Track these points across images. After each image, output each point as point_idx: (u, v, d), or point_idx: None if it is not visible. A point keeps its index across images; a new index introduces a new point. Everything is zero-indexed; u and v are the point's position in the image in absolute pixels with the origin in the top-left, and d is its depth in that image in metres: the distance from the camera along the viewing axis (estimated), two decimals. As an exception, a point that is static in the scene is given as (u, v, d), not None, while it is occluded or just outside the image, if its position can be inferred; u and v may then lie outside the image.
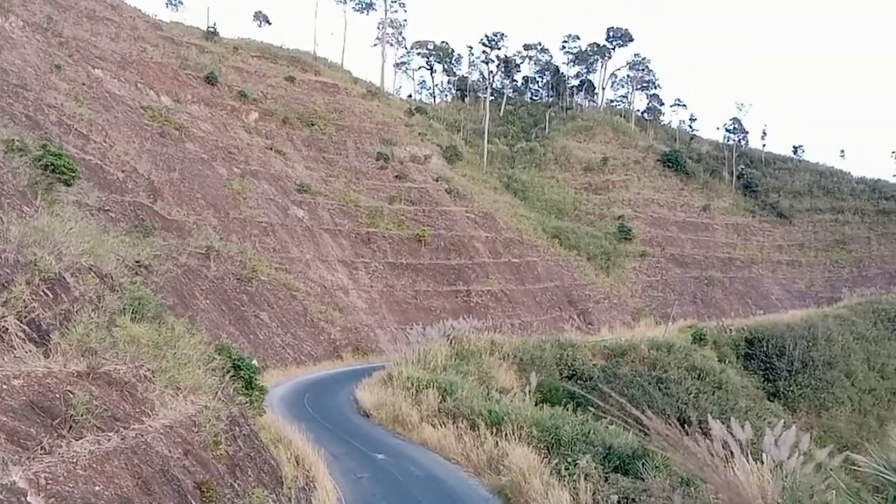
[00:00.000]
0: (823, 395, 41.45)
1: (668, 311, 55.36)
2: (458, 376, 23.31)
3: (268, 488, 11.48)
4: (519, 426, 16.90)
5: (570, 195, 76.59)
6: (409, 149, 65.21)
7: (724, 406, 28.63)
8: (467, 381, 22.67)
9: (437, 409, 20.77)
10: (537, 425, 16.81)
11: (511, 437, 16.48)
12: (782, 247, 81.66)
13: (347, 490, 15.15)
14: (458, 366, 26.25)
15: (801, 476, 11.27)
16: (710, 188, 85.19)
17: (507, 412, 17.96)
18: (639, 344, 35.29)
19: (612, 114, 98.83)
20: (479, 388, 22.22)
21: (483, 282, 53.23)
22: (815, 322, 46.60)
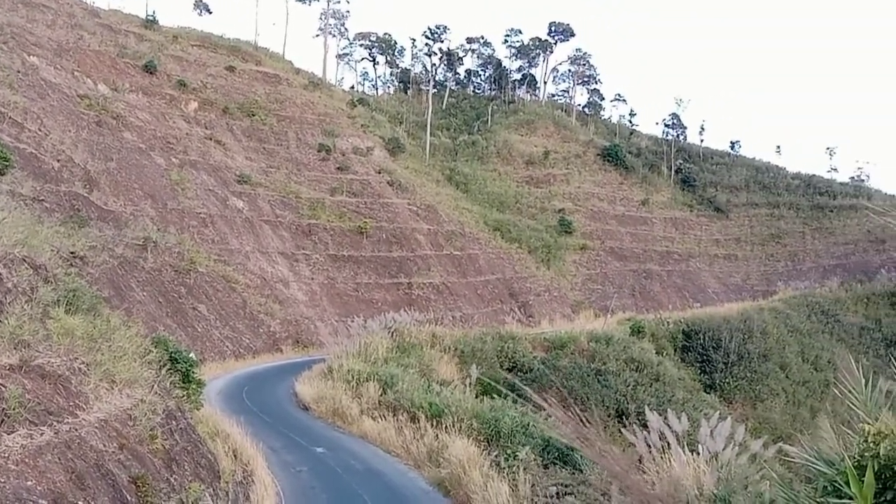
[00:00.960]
0: (758, 386, 42.57)
1: (608, 304, 56.23)
2: (398, 369, 23.16)
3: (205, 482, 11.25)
4: (459, 418, 16.85)
5: (512, 188, 77.06)
6: (352, 140, 64.60)
7: (661, 398, 29.17)
8: (408, 373, 22.54)
9: (377, 402, 20.62)
10: (477, 417, 16.79)
11: (451, 430, 16.42)
12: (719, 241, 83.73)
13: (286, 484, 14.95)
14: (399, 358, 26.11)
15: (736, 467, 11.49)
16: (649, 182, 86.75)
17: (448, 405, 17.90)
18: (578, 336, 35.69)
19: (553, 108, 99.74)
20: (420, 380, 22.11)
21: (425, 274, 53.14)
22: (750, 315, 47.88)
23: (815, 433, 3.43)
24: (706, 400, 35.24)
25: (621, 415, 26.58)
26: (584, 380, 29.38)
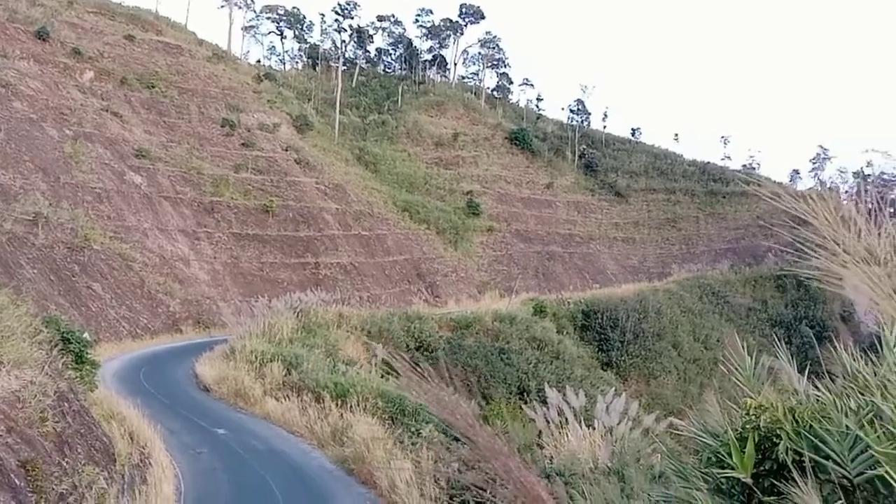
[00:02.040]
0: (652, 364, 44.42)
1: (512, 285, 57.27)
2: (304, 349, 22.91)
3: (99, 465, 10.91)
4: (364, 398, 16.86)
5: (422, 169, 77.08)
6: (257, 116, 62.93)
7: (561, 375, 30.03)
8: (313, 354, 22.33)
9: (281, 383, 20.36)
10: (382, 397, 16.84)
11: (356, 409, 16.40)
12: (619, 224, 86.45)
13: (185, 466, 14.63)
14: (304, 339, 25.81)
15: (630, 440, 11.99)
16: (553, 167, 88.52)
17: (353, 384, 17.87)
18: (483, 316, 36.25)
19: (463, 90, 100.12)
20: (326, 360, 21.96)
21: (332, 254, 52.60)
22: (646, 296, 49.79)
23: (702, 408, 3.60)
24: (603, 377, 36.51)
25: (523, 392, 27.25)
26: (487, 358, 29.89)
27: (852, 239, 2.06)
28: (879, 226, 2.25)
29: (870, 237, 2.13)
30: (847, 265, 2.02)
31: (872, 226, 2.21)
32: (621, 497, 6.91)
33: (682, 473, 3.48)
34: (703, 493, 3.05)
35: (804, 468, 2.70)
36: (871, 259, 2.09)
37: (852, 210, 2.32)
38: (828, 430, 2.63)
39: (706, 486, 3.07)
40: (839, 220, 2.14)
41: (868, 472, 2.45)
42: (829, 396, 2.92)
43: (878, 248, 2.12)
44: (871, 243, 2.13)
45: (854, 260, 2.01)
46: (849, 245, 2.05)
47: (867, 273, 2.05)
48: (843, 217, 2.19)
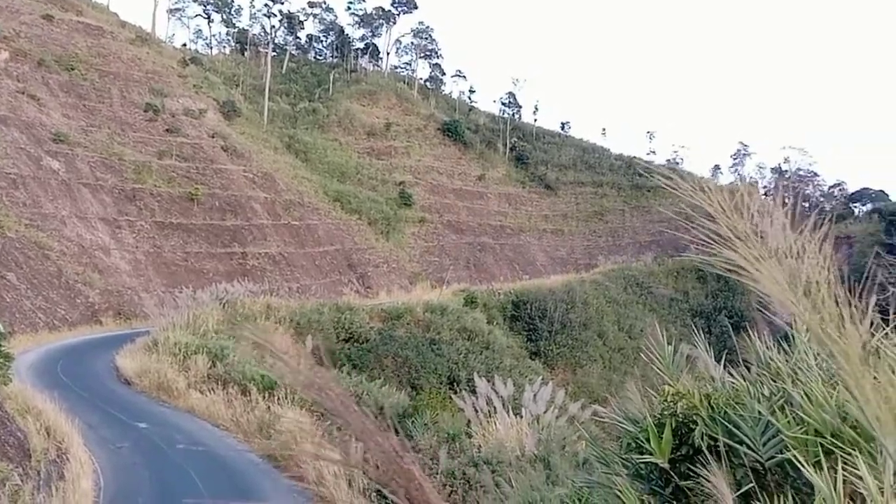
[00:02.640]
0: (579, 353, 45.30)
1: (444, 276, 57.47)
2: (230, 341, 22.44)
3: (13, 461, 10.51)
4: (292, 390, 16.61)
5: (353, 159, 76.44)
6: (183, 101, 61.09)
7: (490, 365, 30.29)
8: (240, 345, 21.90)
9: (206, 376, 19.91)
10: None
11: (284, 402, 16.17)
12: (548, 216, 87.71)
13: (105, 461, 14.16)
14: (230, 331, 25.28)
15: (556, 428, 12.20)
16: (485, 159, 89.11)
17: (281, 377, 17.58)
18: (415, 307, 36.25)
19: (396, 80, 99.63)
20: (253, 352, 21.56)
21: (261, 244, 51.65)
22: (573, 287, 50.69)
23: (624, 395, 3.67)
24: (531, 366, 37.01)
25: (453, 382, 27.38)
26: (418, 349, 29.92)
27: (745, 227, 2.14)
28: (772, 215, 2.33)
29: (763, 225, 2.21)
30: (739, 252, 2.09)
31: (766, 216, 2.29)
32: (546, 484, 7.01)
33: (604, 459, 3.55)
34: (623, 479, 3.11)
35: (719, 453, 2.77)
36: (763, 247, 2.16)
37: (770, 204, 2.40)
38: (741, 415, 2.70)
39: (626, 471, 3.13)
40: (734, 210, 2.21)
41: (778, 455, 2.54)
42: (742, 384, 3.01)
43: (768, 234, 2.20)
44: (765, 231, 2.20)
45: (746, 247, 2.08)
46: (741, 233, 2.12)
47: (758, 259, 2.12)
48: (736, 206, 2.26)
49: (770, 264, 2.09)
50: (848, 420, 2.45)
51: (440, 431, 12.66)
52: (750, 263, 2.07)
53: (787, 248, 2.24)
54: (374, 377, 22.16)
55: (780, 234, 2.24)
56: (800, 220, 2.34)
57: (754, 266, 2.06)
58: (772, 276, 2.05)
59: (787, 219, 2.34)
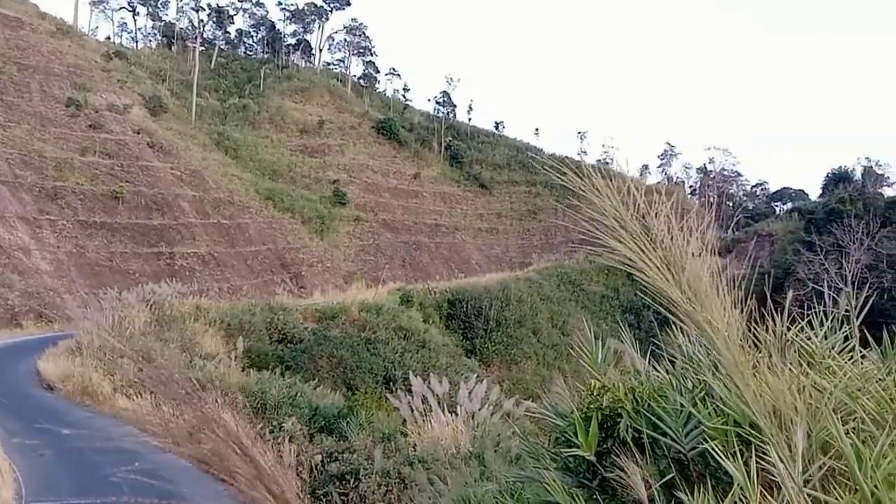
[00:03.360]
0: (514, 350, 45.79)
1: (379, 275, 57.26)
2: (158, 343, 21.83)
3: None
4: (224, 392, 16.28)
5: (286, 157, 75.39)
6: (106, 96, 59.13)
7: (426, 364, 30.32)
8: (168, 348, 21.33)
9: (133, 379, 19.33)
10: (243, 390, 16.34)
11: (215, 405, 15.84)
12: (483, 215, 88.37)
13: (26, 469, 13.62)
14: (158, 333, 24.60)
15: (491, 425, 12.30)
16: (420, 157, 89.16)
17: (212, 379, 17.22)
18: (350, 306, 35.97)
19: (329, 77, 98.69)
20: (182, 355, 21.04)
21: (189, 244, 50.43)
22: (508, 285, 51.17)
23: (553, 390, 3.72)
24: (467, 364, 37.20)
25: (389, 381, 27.30)
26: (353, 349, 29.71)
27: (631, 220, 2.23)
28: (658, 208, 2.42)
29: (650, 219, 2.29)
30: (624, 241, 2.17)
31: (652, 209, 2.38)
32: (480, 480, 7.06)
33: (535, 454, 3.60)
34: (552, 472, 3.16)
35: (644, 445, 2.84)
36: (647, 236, 2.25)
37: (695, 203, 2.49)
38: (664, 408, 2.77)
39: (555, 465, 3.18)
40: (620, 201, 2.30)
41: (700, 446, 2.61)
42: (666, 377, 3.09)
43: (654, 227, 2.28)
44: (649, 222, 2.29)
45: (631, 236, 2.17)
46: (628, 226, 2.21)
47: (641, 247, 2.20)
48: (622, 196, 2.35)
49: (654, 255, 2.16)
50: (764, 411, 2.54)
51: (375, 431, 12.62)
52: (636, 255, 2.14)
53: (672, 240, 2.33)
54: (309, 378, 21.91)
55: (665, 227, 2.33)
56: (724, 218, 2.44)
57: (639, 257, 2.14)
58: (656, 266, 2.13)
59: (672, 212, 2.44)
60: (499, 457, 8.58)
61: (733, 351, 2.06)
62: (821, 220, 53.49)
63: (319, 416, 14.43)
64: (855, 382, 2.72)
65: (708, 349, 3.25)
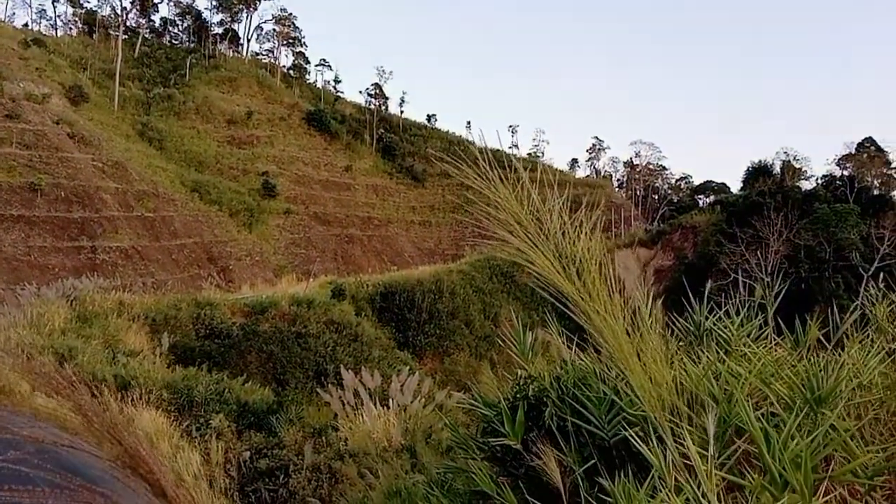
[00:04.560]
0: (447, 342, 45.98)
1: (311, 268, 56.55)
2: (78, 340, 21.04)
3: None
4: (148, 390, 15.82)
5: (213, 148, 73.66)
6: (24, 85, 56.62)
7: (359, 357, 30.17)
8: (90, 345, 20.58)
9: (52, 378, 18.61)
10: (168, 387, 15.90)
11: (139, 402, 15.38)
12: (416, 208, 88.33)
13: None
14: (79, 329, 23.70)
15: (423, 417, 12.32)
16: (352, 149, 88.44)
17: (135, 376, 16.70)
18: (280, 300, 35.39)
19: (257, 67, 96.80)
20: (104, 352, 20.34)
21: (111, 237, 48.79)
22: (441, 277, 51.28)
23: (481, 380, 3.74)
24: (400, 357, 37.15)
25: (320, 376, 27.06)
26: (284, 343, 29.31)
27: (524, 211, 2.30)
28: (550, 202, 2.51)
29: (542, 212, 2.37)
30: (518, 234, 2.24)
31: (546, 203, 2.46)
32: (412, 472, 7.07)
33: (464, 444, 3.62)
34: (480, 462, 3.18)
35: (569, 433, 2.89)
36: (540, 230, 2.32)
37: (622, 195, 2.55)
38: (588, 396, 2.83)
39: (482, 454, 3.21)
40: (515, 196, 2.38)
41: (622, 433, 2.68)
42: (590, 365, 3.15)
43: (546, 221, 2.35)
44: (543, 217, 2.36)
45: (526, 231, 2.24)
46: (522, 217, 2.29)
47: (534, 241, 2.26)
48: (517, 192, 2.43)
49: (546, 249, 2.23)
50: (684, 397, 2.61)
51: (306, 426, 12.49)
52: (528, 247, 2.20)
53: (563, 235, 2.40)
54: (237, 374, 21.49)
55: (557, 220, 2.39)
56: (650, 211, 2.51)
57: (531, 249, 2.20)
58: (546, 258, 2.20)
59: (562, 206, 2.52)
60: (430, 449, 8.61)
61: (620, 339, 2.12)
62: (742, 212, 55.35)
63: (248, 412, 14.19)
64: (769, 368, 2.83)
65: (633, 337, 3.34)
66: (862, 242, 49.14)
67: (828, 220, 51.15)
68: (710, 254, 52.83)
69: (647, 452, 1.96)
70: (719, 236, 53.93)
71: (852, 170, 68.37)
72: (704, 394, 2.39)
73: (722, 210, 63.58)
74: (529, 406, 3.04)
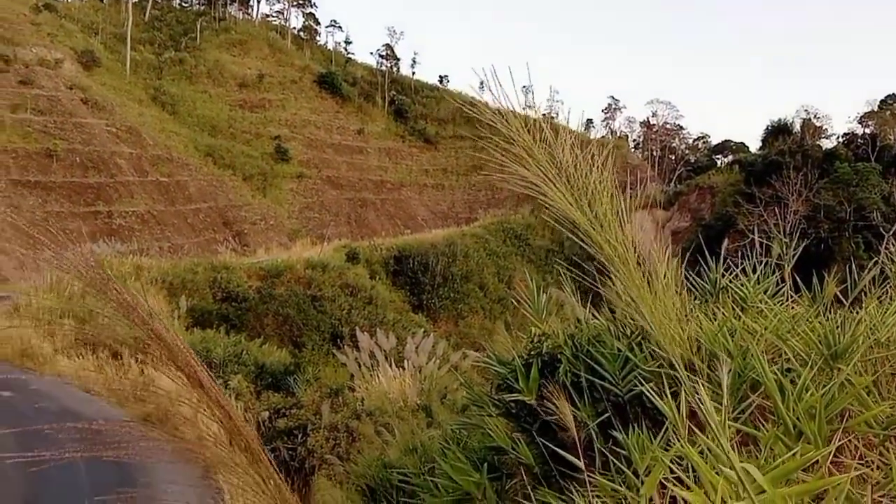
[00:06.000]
0: (461, 305, 46.25)
1: (324, 232, 56.77)
2: (97, 304, 21.37)
3: None
4: (167, 352, 16.11)
5: (225, 112, 73.49)
6: (37, 51, 56.49)
7: (374, 320, 30.42)
8: (109, 308, 20.89)
9: (73, 340, 18.93)
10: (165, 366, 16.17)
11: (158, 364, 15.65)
12: (428, 171, 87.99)
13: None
14: (98, 293, 24.04)
15: (437, 378, 12.46)
16: (364, 112, 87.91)
17: (153, 338, 16.98)
18: (295, 264, 35.67)
19: (268, 29, 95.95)
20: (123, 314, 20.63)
21: (127, 202, 49.09)
22: (455, 240, 51.41)
23: (495, 339, 3.77)
24: (415, 319, 37.46)
25: (336, 338, 27.32)
26: (300, 307, 29.59)
27: (538, 146, 2.31)
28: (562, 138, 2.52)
29: (555, 146, 2.37)
30: (532, 168, 2.26)
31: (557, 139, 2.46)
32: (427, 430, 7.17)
33: (479, 402, 3.67)
34: (495, 419, 3.23)
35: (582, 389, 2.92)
36: (552, 163, 2.32)
37: (638, 156, 2.54)
38: (602, 353, 2.85)
39: (497, 411, 3.25)
40: (528, 133, 2.38)
41: (636, 389, 2.70)
42: (604, 323, 3.17)
43: (559, 155, 2.35)
44: (555, 151, 2.36)
45: (537, 163, 2.25)
46: (535, 153, 2.29)
47: (547, 174, 2.27)
48: (529, 128, 2.44)
49: (559, 181, 2.23)
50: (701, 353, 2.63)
51: (323, 387, 12.67)
52: (542, 180, 2.21)
53: (575, 168, 2.41)
54: (254, 336, 21.77)
55: (570, 154, 2.40)
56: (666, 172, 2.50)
57: (545, 182, 2.21)
58: (560, 192, 2.20)
59: (575, 141, 2.53)
60: (445, 408, 8.72)
61: (630, 267, 2.14)
62: (760, 171, 54.75)
63: (266, 373, 14.41)
64: (785, 325, 2.84)
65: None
66: (883, 202, 48.57)
67: (848, 179, 50.53)
68: (728, 214, 52.44)
69: (660, 403, 1.98)
70: (737, 197, 53.45)
71: (874, 128, 67.02)
72: (720, 349, 2.40)
73: (740, 170, 62.89)
74: (543, 363, 3.07)
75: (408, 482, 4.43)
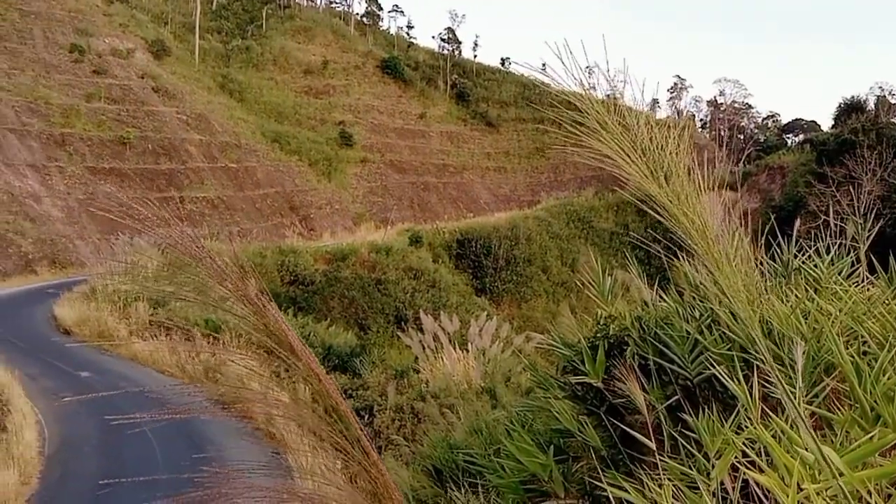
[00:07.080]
0: (524, 288, 46.09)
1: (388, 216, 57.29)
2: (171, 287, 22.11)
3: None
4: (237, 334, 16.54)
5: (291, 98, 74.65)
6: (109, 41, 58.39)
7: (437, 303, 30.61)
8: (182, 291, 21.60)
9: (148, 322, 19.66)
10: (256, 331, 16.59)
11: (229, 345, 16.10)
12: (490, 154, 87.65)
13: (48, 411, 14.00)
14: (171, 277, 24.84)
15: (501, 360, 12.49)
16: (426, 96, 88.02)
17: (226, 320, 17.46)
18: (359, 248, 36.15)
19: (331, 16, 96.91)
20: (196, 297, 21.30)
21: (198, 188, 50.48)
22: (517, 223, 51.17)
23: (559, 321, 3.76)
24: (477, 303, 37.52)
25: (400, 321, 27.62)
26: (364, 290, 30.00)
27: (613, 121, 2.30)
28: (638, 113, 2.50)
29: (629, 118, 2.35)
30: (606, 141, 2.25)
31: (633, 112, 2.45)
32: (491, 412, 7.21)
33: (544, 384, 3.67)
34: (561, 401, 3.23)
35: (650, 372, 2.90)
36: (627, 136, 2.32)
37: (705, 136, 2.51)
38: (671, 335, 2.82)
39: (563, 393, 3.25)
40: (604, 107, 2.37)
41: (706, 371, 2.67)
42: (672, 306, 3.13)
43: (633, 127, 2.34)
44: (629, 122, 2.35)
45: (612, 137, 2.24)
46: (610, 127, 2.29)
47: (621, 146, 2.26)
48: (605, 104, 2.43)
49: (634, 153, 2.22)
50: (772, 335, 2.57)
51: (388, 369, 12.85)
52: (617, 154, 2.20)
53: (651, 139, 2.38)
54: (321, 318, 22.20)
55: (645, 130, 2.37)
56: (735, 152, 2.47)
57: (620, 156, 2.20)
58: (635, 163, 2.18)
59: (651, 115, 2.52)
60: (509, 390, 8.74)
61: (709, 240, 2.11)
62: (833, 151, 52.69)
63: (333, 354, 14.67)
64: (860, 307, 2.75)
65: (714, 278, 3.28)
66: (963, 181, 46.16)
67: (927, 158, 48.15)
68: (799, 195, 50.70)
69: (733, 386, 1.95)
70: (809, 177, 51.59)
71: (956, 104, 63.75)
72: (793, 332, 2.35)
73: (812, 149, 60.66)
74: (610, 346, 3.05)
75: (473, 463, 4.47)
